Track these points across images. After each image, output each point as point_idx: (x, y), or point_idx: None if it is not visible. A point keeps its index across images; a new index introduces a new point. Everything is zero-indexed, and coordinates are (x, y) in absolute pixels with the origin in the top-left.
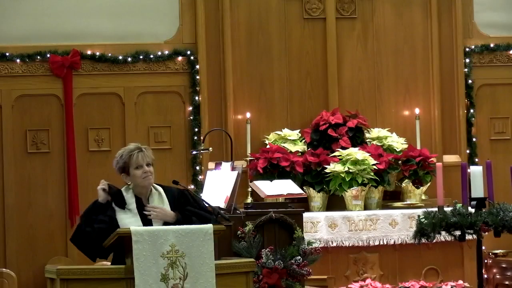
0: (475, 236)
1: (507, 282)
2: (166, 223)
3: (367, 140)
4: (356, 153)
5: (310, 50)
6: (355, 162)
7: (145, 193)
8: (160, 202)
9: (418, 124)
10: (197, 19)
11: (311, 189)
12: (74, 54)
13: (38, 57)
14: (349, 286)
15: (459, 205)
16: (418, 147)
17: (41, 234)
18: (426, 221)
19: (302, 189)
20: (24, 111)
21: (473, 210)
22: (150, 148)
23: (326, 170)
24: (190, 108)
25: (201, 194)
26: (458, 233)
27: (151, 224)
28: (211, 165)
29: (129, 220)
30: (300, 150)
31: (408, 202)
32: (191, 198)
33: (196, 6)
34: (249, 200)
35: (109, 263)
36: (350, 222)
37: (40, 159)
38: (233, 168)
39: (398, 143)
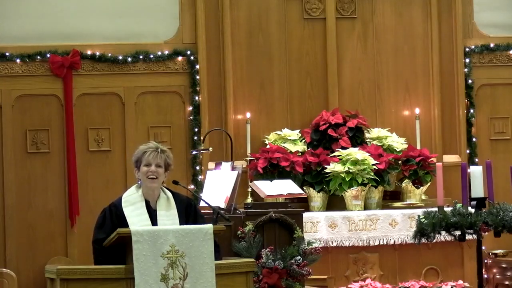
0: (475, 236)
1: (507, 282)
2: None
3: (367, 140)
4: (356, 153)
5: (310, 50)
6: (355, 162)
7: (152, 196)
8: (168, 207)
9: (418, 124)
10: (197, 19)
11: (311, 189)
12: (74, 54)
13: (38, 57)
14: (349, 286)
15: (459, 205)
16: (418, 147)
17: (41, 234)
18: (426, 221)
19: (302, 189)
20: (24, 111)
21: (473, 210)
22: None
23: (326, 170)
24: (190, 108)
25: (201, 194)
26: (458, 233)
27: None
28: (211, 165)
29: (138, 218)
30: (300, 150)
31: (408, 202)
32: (196, 214)
33: (196, 6)
34: (249, 200)
35: None
36: (350, 222)
37: (40, 159)
38: (233, 168)
39: (398, 143)
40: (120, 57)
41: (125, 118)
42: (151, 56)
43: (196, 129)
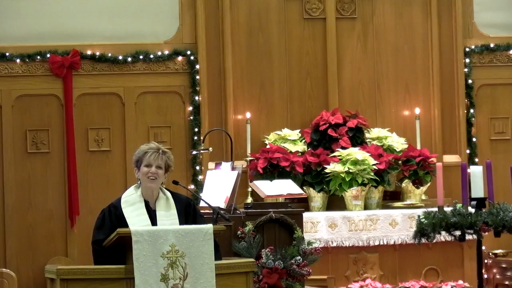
0: (475, 236)
1: (507, 282)
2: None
3: (367, 140)
4: (356, 153)
5: (310, 50)
6: (355, 162)
7: (151, 196)
8: (167, 207)
9: (418, 124)
10: (197, 19)
11: (311, 189)
12: (74, 54)
13: (38, 57)
14: (349, 286)
15: (459, 205)
16: (418, 147)
17: (41, 234)
18: (426, 221)
19: (302, 189)
20: (24, 111)
21: (473, 210)
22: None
23: (326, 170)
24: (190, 108)
25: (201, 194)
26: (458, 233)
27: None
28: (211, 165)
29: (137, 218)
30: (300, 150)
31: (408, 202)
32: (195, 213)
33: (196, 6)
34: (249, 200)
35: None
36: (350, 222)
37: (40, 159)
38: (233, 168)
39: (398, 143)
40: (120, 57)
41: (125, 118)
42: (151, 56)
43: (196, 129)
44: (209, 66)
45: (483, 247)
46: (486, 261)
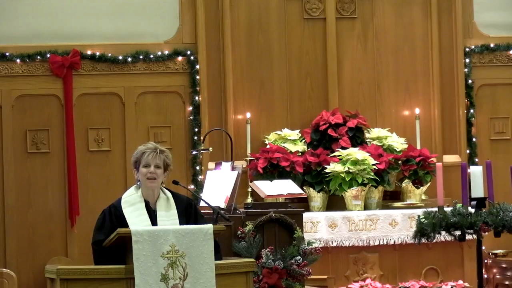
0: (475, 236)
1: (507, 282)
2: None
3: (367, 140)
4: (356, 153)
5: (310, 50)
6: (355, 162)
7: (152, 196)
8: (167, 207)
9: (418, 124)
10: (197, 19)
11: (311, 189)
12: (74, 54)
13: (38, 57)
14: (349, 286)
15: (459, 205)
16: (418, 147)
17: (41, 234)
18: (426, 221)
19: (302, 189)
20: (24, 111)
21: (473, 210)
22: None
23: (326, 170)
24: (190, 108)
25: (201, 194)
26: (458, 233)
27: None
28: (211, 165)
29: (138, 219)
30: (300, 150)
31: (408, 202)
32: (196, 214)
33: (196, 6)
34: (249, 200)
35: None
36: (350, 222)
37: (40, 159)
38: (233, 168)
39: (398, 143)
40: (120, 57)
41: (125, 118)
42: (151, 56)
43: (196, 129)
44: (209, 66)
45: (483, 247)
46: (486, 261)
